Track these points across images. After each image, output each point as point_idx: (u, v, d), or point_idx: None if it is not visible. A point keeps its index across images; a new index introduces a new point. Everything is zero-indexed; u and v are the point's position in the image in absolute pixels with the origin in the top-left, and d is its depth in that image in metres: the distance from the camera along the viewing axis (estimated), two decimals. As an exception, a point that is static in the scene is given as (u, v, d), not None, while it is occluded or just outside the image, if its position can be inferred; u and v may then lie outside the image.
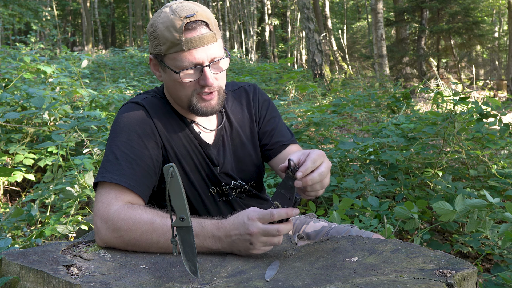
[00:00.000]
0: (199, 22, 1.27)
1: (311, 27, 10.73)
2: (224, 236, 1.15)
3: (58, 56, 12.04)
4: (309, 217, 1.66)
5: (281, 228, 1.12)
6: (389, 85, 9.63)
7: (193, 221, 1.15)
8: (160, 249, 1.17)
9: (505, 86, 15.08)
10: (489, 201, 1.98)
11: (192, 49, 1.26)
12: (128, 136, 1.30)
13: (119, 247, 1.18)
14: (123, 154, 1.27)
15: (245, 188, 1.49)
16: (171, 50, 1.27)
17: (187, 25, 1.25)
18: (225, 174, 1.44)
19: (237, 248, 1.15)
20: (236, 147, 1.48)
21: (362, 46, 24.24)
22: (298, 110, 5.13)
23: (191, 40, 1.25)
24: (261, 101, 1.54)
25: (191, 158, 1.40)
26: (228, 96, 1.52)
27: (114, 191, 1.22)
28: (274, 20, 26.25)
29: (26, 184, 3.65)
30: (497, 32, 20.79)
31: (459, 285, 0.99)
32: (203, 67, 1.28)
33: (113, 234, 1.16)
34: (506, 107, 3.32)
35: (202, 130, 1.43)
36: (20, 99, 3.91)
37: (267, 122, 1.53)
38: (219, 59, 1.31)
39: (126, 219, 1.16)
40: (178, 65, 1.28)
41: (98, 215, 1.19)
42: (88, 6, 25.22)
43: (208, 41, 1.27)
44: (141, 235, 1.15)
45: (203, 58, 1.27)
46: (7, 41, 22.67)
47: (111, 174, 1.23)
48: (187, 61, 1.27)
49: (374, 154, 3.35)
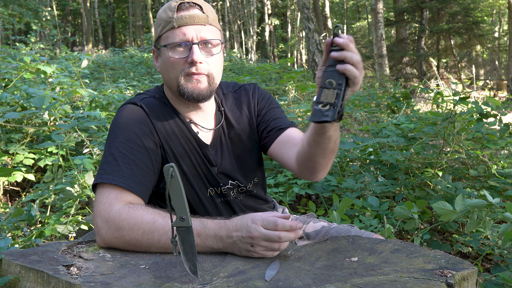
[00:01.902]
0: (193, 4, 1.33)
1: (311, 27, 10.73)
2: (225, 236, 1.15)
3: (58, 56, 12.03)
4: (309, 217, 1.66)
5: (282, 235, 1.11)
6: (389, 85, 9.63)
7: (196, 221, 1.16)
8: (161, 248, 1.17)
9: (505, 86, 15.09)
10: (489, 201, 1.98)
11: (182, 25, 1.31)
12: (126, 136, 1.30)
13: (120, 247, 1.18)
14: (121, 155, 1.27)
15: (242, 189, 1.48)
16: (165, 29, 1.33)
17: (180, 5, 1.32)
18: (223, 174, 1.44)
19: (238, 249, 1.15)
20: (235, 146, 1.48)
21: (362, 46, 24.24)
22: (298, 110, 5.14)
23: (182, 17, 1.31)
24: (260, 96, 1.54)
25: (189, 158, 1.39)
26: (229, 96, 1.52)
27: (114, 192, 1.22)
28: (274, 20, 26.26)
29: (26, 184, 3.65)
30: (497, 32, 20.79)
31: (459, 285, 0.99)
32: (191, 44, 1.31)
33: (114, 234, 1.16)
34: (506, 107, 3.31)
35: (201, 130, 1.43)
36: (20, 99, 3.91)
37: (266, 112, 1.52)
38: (209, 40, 1.34)
39: (127, 219, 1.16)
40: (169, 41, 1.33)
41: (99, 215, 1.19)
42: (88, 6, 25.22)
43: (199, 21, 1.32)
44: (142, 235, 1.15)
45: (192, 35, 1.31)
46: (7, 41, 22.67)
47: (111, 175, 1.24)
48: (177, 37, 1.31)
49: (374, 154, 3.35)
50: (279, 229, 1.11)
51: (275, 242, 1.12)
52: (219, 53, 1.38)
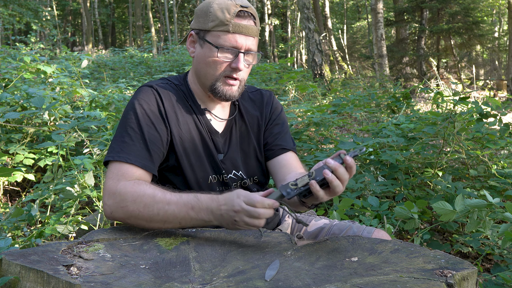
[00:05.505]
0: (250, 14, 1.42)
1: (311, 27, 10.73)
2: (215, 209, 1.22)
3: (58, 56, 12.04)
4: (309, 215, 1.67)
5: (261, 212, 1.17)
6: (389, 85, 9.63)
7: (191, 195, 1.26)
8: (160, 222, 1.26)
9: (505, 86, 15.08)
10: (489, 201, 1.98)
11: (236, 33, 1.39)
12: (139, 116, 1.38)
13: (124, 219, 1.27)
14: (133, 133, 1.36)
15: (245, 183, 1.52)
16: (218, 28, 1.39)
17: (240, 12, 1.40)
18: (228, 163, 1.50)
19: (225, 222, 1.22)
20: (242, 140, 1.55)
21: (362, 46, 24.24)
22: (298, 110, 5.14)
23: (239, 25, 1.39)
24: (274, 105, 1.63)
25: (196, 144, 1.46)
26: (245, 94, 1.61)
27: (123, 169, 1.31)
28: (274, 20, 26.26)
29: (26, 184, 3.65)
30: (497, 32, 20.79)
31: (459, 285, 0.99)
32: (239, 52, 1.40)
33: (119, 204, 1.26)
34: (506, 107, 3.31)
35: (214, 118, 1.51)
36: (20, 99, 3.91)
37: (275, 125, 1.60)
38: (253, 53, 1.44)
39: (131, 192, 1.26)
40: (219, 42, 1.39)
41: (107, 189, 1.29)
42: (88, 6, 25.22)
43: (251, 33, 1.41)
44: (144, 207, 1.24)
45: (242, 44, 1.40)
46: (7, 41, 22.68)
47: (121, 153, 1.33)
48: (229, 41, 1.39)
49: (374, 154, 3.35)
50: (258, 206, 1.17)
51: (255, 218, 1.18)
52: (256, 63, 1.49)
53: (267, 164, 1.58)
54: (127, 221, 1.28)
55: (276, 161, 1.55)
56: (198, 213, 1.24)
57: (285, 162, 1.54)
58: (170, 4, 28.36)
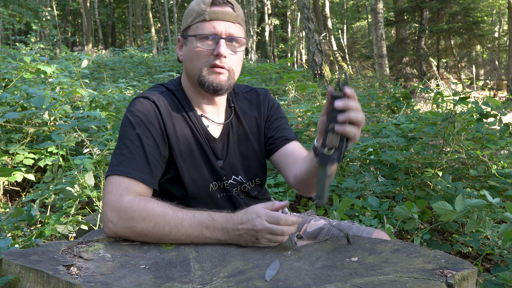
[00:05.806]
0: (226, 2, 1.41)
1: (311, 27, 10.73)
2: (232, 229, 1.21)
3: (58, 56, 12.04)
4: (309, 215, 1.67)
5: (285, 230, 1.18)
6: (389, 85, 9.63)
7: (204, 214, 1.23)
8: (171, 240, 1.22)
9: (505, 86, 15.08)
10: (489, 201, 1.98)
11: (213, 19, 1.38)
12: (137, 129, 1.34)
13: (130, 238, 1.22)
14: (133, 146, 1.31)
15: (244, 187, 1.52)
16: (196, 20, 1.39)
17: (214, 1, 1.39)
18: (227, 168, 1.48)
19: (244, 241, 1.21)
20: (241, 142, 1.53)
21: (362, 46, 24.24)
22: (298, 110, 5.14)
23: (214, 12, 1.38)
24: (271, 102, 1.62)
25: (195, 153, 1.44)
26: (240, 95, 1.59)
27: (125, 183, 1.25)
28: (274, 20, 26.26)
29: (26, 184, 3.65)
30: (497, 32, 20.79)
31: (459, 285, 0.99)
32: (219, 38, 1.37)
33: (125, 224, 1.20)
34: (506, 107, 3.31)
35: (211, 123, 1.49)
36: (20, 99, 3.91)
37: (275, 120, 1.59)
38: (236, 38, 1.40)
39: (139, 210, 1.20)
40: (198, 32, 1.39)
41: (109, 205, 1.22)
42: (88, 6, 25.22)
43: (230, 18, 1.39)
44: (154, 227, 1.20)
45: (221, 30, 1.38)
46: (7, 41, 22.67)
47: (121, 167, 1.28)
48: (207, 29, 1.38)
49: (374, 154, 3.35)
50: (282, 223, 1.18)
51: (278, 235, 1.19)
52: (242, 52, 1.45)
53: (272, 158, 1.56)
54: (133, 239, 1.23)
55: (281, 152, 1.53)
56: (213, 232, 1.22)
57: (291, 151, 1.52)
58: (170, 4, 28.36)
